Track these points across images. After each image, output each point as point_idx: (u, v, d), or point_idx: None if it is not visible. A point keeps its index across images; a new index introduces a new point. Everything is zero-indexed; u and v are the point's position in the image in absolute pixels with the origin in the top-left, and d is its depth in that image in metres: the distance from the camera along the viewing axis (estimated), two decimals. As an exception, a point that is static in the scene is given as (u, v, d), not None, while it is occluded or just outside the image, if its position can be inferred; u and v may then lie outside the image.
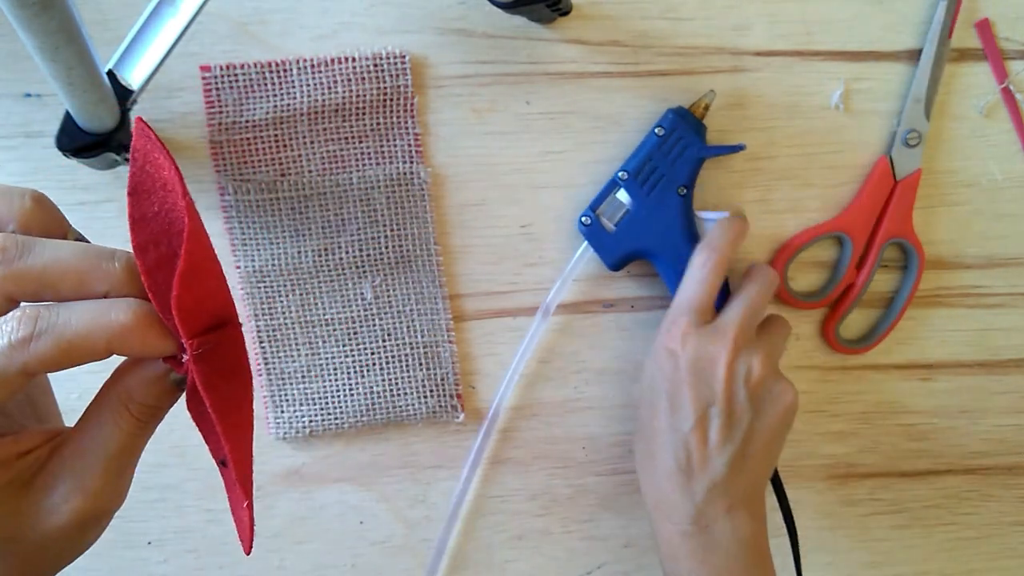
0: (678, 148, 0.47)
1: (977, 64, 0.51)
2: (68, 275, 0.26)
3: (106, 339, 0.25)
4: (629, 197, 0.48)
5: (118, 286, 0.26)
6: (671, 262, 0.48)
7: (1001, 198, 0.52)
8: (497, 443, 0.51)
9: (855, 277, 0.51)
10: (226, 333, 0.27)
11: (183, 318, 0.25)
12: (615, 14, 0.49)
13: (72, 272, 0.26)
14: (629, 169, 0.48)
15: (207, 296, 0.26)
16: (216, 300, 0.27)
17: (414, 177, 0.49)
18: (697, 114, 0.48)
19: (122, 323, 0.25)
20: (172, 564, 0.51)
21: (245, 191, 0.48)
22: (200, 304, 0.26)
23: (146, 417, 0.28)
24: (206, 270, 0.26)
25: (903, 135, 0.50)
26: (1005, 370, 0.53)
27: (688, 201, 0.48)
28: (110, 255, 0.26)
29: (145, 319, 0.25)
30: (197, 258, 0.25)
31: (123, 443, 0.28)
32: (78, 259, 0.26)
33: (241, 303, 0.49)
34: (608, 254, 0.49)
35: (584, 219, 0.49)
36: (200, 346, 0.26)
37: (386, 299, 0.49)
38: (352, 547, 0.52)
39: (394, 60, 0.48)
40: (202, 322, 0.26)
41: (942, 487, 0.54)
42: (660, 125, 0.48)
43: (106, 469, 0.28)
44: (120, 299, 0.26)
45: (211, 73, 0.47)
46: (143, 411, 0.28)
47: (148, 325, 0.26)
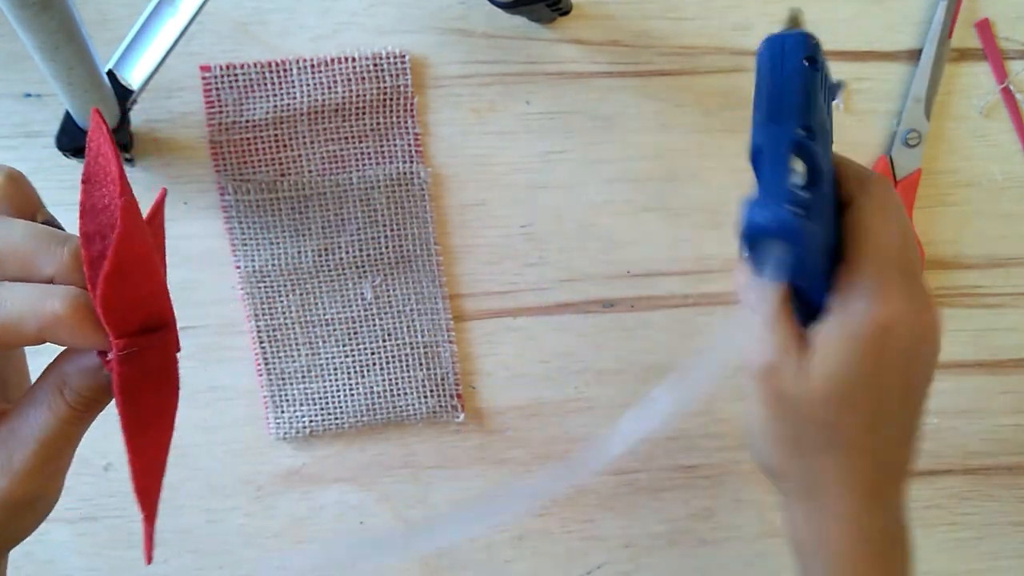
0: (827, 83, 0.34)
1: (977, 64, 0.51)
2: (14, 254, 0.26)
3: (37, 326, 0.25)
4: (809, 165, 0.31)
5: (64, 272, 0.26)
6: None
7: (1001, 198, 0.52)
8: (497, 443, 0.51)
9: (855, 277, 0.51)
10: (157, 338, 0.27)
11: (109, 317, 0.25)
12: (615, 14, 0.49)
13: (19, 252, 0.26)
14: (810, 124, 0.31)
15: (140, 298, 0.26)
16: (151, 304, 0.27)
17: (414, 177, 0.49)
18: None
19: (55, 312, 0.25)
20: (172, 564, 0.51)
21: (245, 191, 0.48)
22: (130, 305, 0.26)
23: (80, 406, 0.27)
24: (140, 272, 0.26)
25: (903, 135, 0.50)
26: (1005, 370, 0.53)
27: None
28: (61, 240, 0.26)
29: (79, 311, 0.25)
30: (128, 259, 0.25)
31: (55, 429, 0.27)
32: (27, 241, 0.26)
33: (241, 303, 0.49)
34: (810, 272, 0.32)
35: (793, 210, 0.29)
36: (126, 347, 0.26)
37: (386, 299, 0.49)
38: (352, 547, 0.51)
39: (394, 60, 0.48)
40: (132, 323, 0.26)
41: (942, 487, 0.54)
42: (807, 54, 0.32)
43: (35, 452, 0.27)
44: (60, 287, 0.26)
45: (211, 73, 0.47)
46: (77, 400, 0.27)
47: (81, 317, 0.25)
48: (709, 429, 0.52)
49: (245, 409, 0.50)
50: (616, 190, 0.50)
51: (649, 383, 0.51)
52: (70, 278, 0.26)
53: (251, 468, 0.50)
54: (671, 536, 0.53)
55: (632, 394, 0.51)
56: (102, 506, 0.50)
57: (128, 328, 0.26)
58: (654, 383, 0.52)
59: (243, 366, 0.49)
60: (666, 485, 0.52)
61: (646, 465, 0.52)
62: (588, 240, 0.50)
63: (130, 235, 0.25)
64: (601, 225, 0.50)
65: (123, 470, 0.50)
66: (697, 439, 0.52)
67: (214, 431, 0.50)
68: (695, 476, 0.52)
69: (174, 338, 0.28)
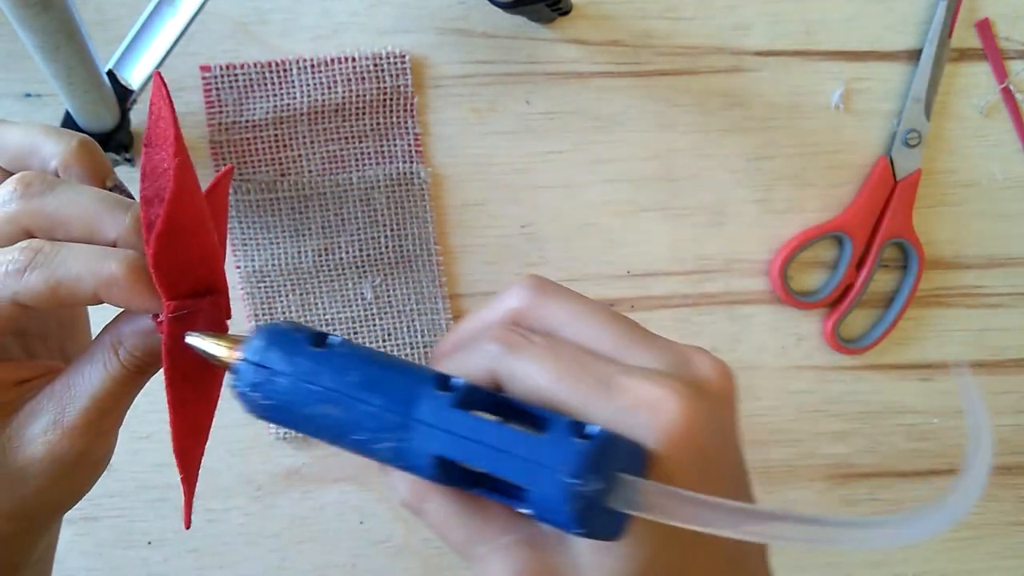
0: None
1: (977, 64, 0.51)
2: (80, 218, 0.27)
3: (94, 285, 0.26)
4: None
5: (125, 236, 0.27)
6: None
7: (1001, 198, 0.52)
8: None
9: (855, 277, 0.51)
10: (207, 303, 0.27)
11: (160, 277, 0.26)
12: (615, 14, 0.49)
13: (84, 216, 0.27)
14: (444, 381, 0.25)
15: (190, 261, 0.26)
16: (202, 268, 0.27)
17: (414, 177, 0.49)
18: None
19: (112, 272, 0.26)
20: (172, 564, 0.51)
21: (245, 191, 0.48)
22: (181, 267, 0.26)
23: (133, 367, 0.28)
24: (192, 235, 0.26)
25: (903, 135, 0.50)
26: (1005, 370, 0.53)
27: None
28: (125, 206, 0.27)
29: (134, 273, 0.26)
30: (180, 220, 0.25)
31: (108, 387, 0.28)
32: (93, 205, 0.27)
33: (241, 303, 0.49)
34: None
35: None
36: (176, 309, 0.26)
37: (386, 299, 0.50)
38: (352, 547, 0.52)
39: (394, 60, 0.48)
40: (183, 286, 0.26)
41: (942, 487, 0.54)
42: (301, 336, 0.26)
43: (87, 408, 0.28)
44: (119, 250, 0.26)
45: (211, 73, 0.47)
46: (130, 360, 0.28)
47: (136, 279, 0.26)
48: (709, 429, 0.52)
49: (245, 409, 0.50)
50: (616, 190, 0.50)
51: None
52: (131, 242, 0.27)
53: (251, 468, 0.50)
54: (671, 536, 0.53)
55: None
56: (103, 506, 0.50)
57: (179, 290, 0.26)
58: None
59: (243, 366, 0.50)
60: (666, 485, 0.52)
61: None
62: (588, 240, 0.50)
63: (182, 196, 0.25)
64: (601, 225, 0.50)
65: (125, 470, 0.50)
66: (697, 439, 0.52)
67: (214, 431, 0.50)
68: (695, 476, 0.52)
69: (225, 305, 0.29)
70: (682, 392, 0.24)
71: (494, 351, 0.25)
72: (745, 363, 0.52)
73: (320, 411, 0.23)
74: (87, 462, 0.29)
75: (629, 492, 0.22)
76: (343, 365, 0.23)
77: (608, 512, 0.22)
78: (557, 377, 0.24)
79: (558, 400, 0.24)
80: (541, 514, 0.22)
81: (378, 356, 0.24)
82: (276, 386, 0.24)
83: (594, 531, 0.22)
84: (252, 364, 0.24)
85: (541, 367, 0.24)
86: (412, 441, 0.22)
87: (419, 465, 0.23)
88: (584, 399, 0.24)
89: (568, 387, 0.24)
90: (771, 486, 0.53)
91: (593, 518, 0.21)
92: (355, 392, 0.23)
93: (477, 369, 0.25)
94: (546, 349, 0.25)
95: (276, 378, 0.24)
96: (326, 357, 0.24)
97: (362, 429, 0.23)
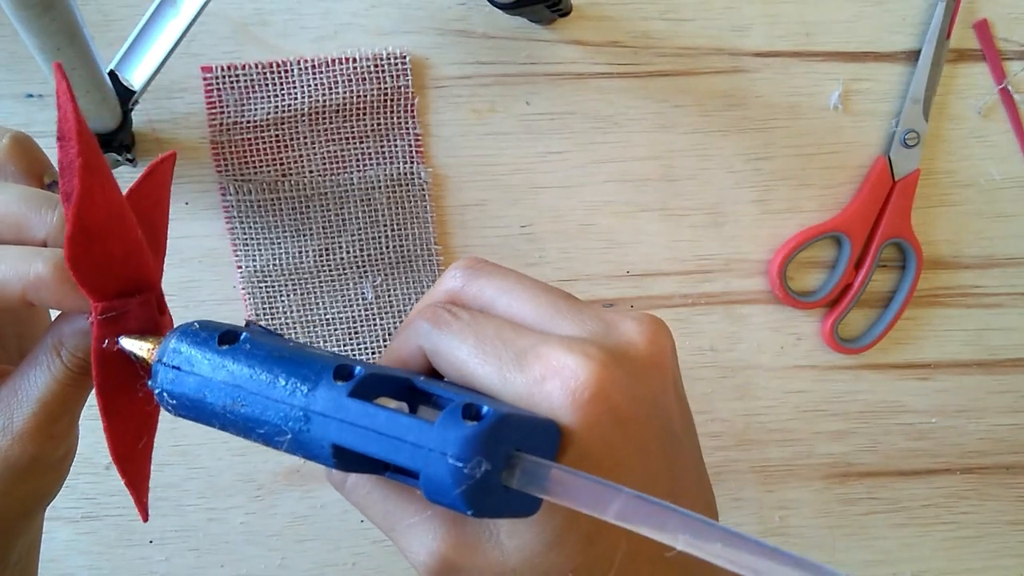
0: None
1: (975, 64, 0.51)
2: (7, 219, 0.26)
3: (21, 287, 0.25)
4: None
5: (55, 235, 0.26)
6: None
7: (999, 198, 0.52)
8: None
9: (853, 277, 0.51)
10: (136, 302, 0.26)
11: (81, 279, 0.25)
12: (615, 15, 0.49)
13: (10, 216, 0.26)
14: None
15: (111, 261, 0.25)
16: (126, 266, 0.26)
17: (414, 177, 0.49)
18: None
19: (38, 273, 0.25)
20: (173, 563, 0.51)
21: (246, 191, 0.48)
22: (101, 268, 0.25)
23: (76, 368, 0.27)
24: (110, 234, 0.25)
25: (902, 135, 0.50)
26: (1003, 370, 0.53)
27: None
28: (53, 204, 0.26)
29: (62, 272, 0.25)
30: (92, 221, 0.24)
31: (54, 390, 0.27)
32: (19, 204, 0.26)
33: (243, 303, 0.49)
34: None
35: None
36: (104, 311, 0.25)
37: (387, 299, 0.50)
38: (353, 546, 0.52)
39: (394, 61, 0.48)
40: (109, 286, 0.26)
41: (940, 486, 0.54)
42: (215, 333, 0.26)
43: (35, 413, 0.27)
44: (46, 250, 0.26)
45: (212, 74, 0.47)
46: (73, 361, 0.27)
47: (63, 279, 0.25)
48: (708, 428, 0.52)
49: (246, 408, 0.50)
50: (616, 190, 0.50)
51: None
52: (60, 241, 0.26)
53: (252, 467, 0.51)
54: (670, 535, 0.53)
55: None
56: (104, 505, 0.50)
57: (105, 290, 0.25)
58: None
59: (244, 365, 0.50)
60: (665, 484, 0.52)
61: (645, 464, 0.52)
62: (588, 240, 0.50)
63: (91, 196, 0.24)
64: (601, 225, 0.50)
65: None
66: (696, 438, 0.52)
67: (215, 430, 0.50)
68: (694, 475, 0.52)
69: (157, 302, 0.27)
70: (594, 356, 0.23)
71: (423, 328, 0.25)
72: (744, 363, 0.52)
73: (226, 408, 0.24)
74: (42, 466, 0.28)
75: (531, 472, 0.21)
76: (248, 362, 0.24)
77: (511, 492, 0.22)
78: (475, 352, 0.24)
79: (476, 375, 0.24)
80: (434, 497, 0.22)
81: (285, 349, 0.25)
82: (185, 386, 0.25)
83: (494, 510, 0.22)
84: (165, 365, 0.25)
85: (463, 342, 0.24)
86: (311, 432, 0.23)
87: (320, 455, 0.23)
88: (499, 373, 0.24)
89: (484, 361, 0.24)
90: (770, 485, 0.53)
91: (487, 499, 0.21)
92: (257, 388, 0.24)
93: (409, 347, 0.26)
94: (468, 324, 0.25)
95: (185, 378, 0.25)
96: (232, 354, 0.24)
97: (264, 424, 0.24)
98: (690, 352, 0.52)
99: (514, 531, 0.24)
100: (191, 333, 0.25)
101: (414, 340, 0.26)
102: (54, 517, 0.50)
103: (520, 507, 0.23)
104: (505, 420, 0.22)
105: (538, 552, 0.24)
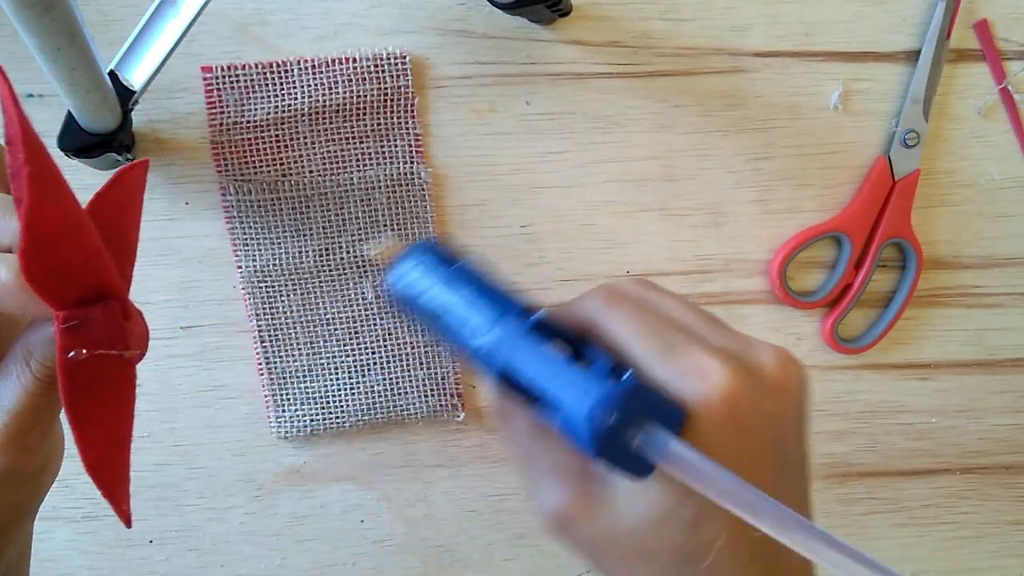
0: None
1: (975, 65, 0.51)
2: None
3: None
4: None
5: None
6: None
7: (999, 198, 0.52)
8: (497, 442, 0.52)
9: (853, 277, 0.51)
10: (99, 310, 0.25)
11: (39, 289, 0.24)
12: (615, 15, 0.49)
13: None
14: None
15: (69, 269, 0.25)
16: (85, 273, 0.25)
17: (414, 177, 0.49)
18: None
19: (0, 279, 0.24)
20: (173, 563, 0.51)
21: (246, 191, 0.48)
22: (59, 277, 0.24)
23: (46, 377, 0.26)
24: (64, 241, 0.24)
25: (902, 135, 0.50)
26: (1003, 370, 0.53)
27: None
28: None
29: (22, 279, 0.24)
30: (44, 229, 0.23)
31: (25, 401, 0.26)
32: None
33: (243, 302, 0.49)
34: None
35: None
36: (65, 320, 0.24)
37: (387, 299, 0.50)
38: (353, 546, 0.52)
39: (394, 61, 0.48)
40: (69, 294, 0.25)
41: (940, 486, 0.54)
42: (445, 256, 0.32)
43: (5, 424, 0.26)
44: (8, 256, 0.25)
45: (212, 74, 0.47)
46: (42, 370, 0.26)
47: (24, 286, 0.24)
48: (708, 428, 0.52)
49: (246, 408, 0.50)
50: (616, 190, 0.50)
51: (648, 382, 0.52)
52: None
53: (252, 467, 0.51)
54: (670, 535, 0.53)
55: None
56: (104, 505, 0.49)
57: (65, 299, 0.25)
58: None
59: (244, 365, 0.50)
60: (665, 484, 0.52)
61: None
62: (588, 240, 0.50)
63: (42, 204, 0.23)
64: (601, 225, 0.50)
65: (125, 469, 0.50)
66: (696, 438, 0.52)
67: (215, 430, 0.50)
68: (694, 475, 0.52)
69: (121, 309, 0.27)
70: (731, 366, 0.26)
71: (596, 303, 0.29)
72: (744, 363, 0.52)
73: (436, 314, 0.29)
74: (16, 478, 0.28)
75: (653, 440, 0.25)
76: (459, 282, 0.29)
77: (631, 452, 0.25)
78: (634, 333, 0.28)
79: (630, 354, 0.28)
80: (566, 430, 0.26)
81: (486, 279, 0.30)
82: (407, 290, 0.30)
83: (611, 459, 0.25)
84: (399, 272, 0.31)
85: (624, 322, 0.28)
86: (488, 349, 0.28)
87: (490, 369, 0.28)
88: (649, 357, 0.27)
89: (640, 344, 0.28)
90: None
91: (609, 447, 0.25)
92: (461, 305, 0.29)
93: (578, 313, 0.30)
94: (634, 311, 0.29)
95: (409, 284, 0.30)
96: (452, 274, 0.30)
97: (458, 334, 0.29)
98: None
99: (629, 500, 0.27)
100: (422, 250, 0.31)
101: (584, 309, 0.29)
102: (54, 517, 0.50)
103: (635, 467, 0.26)
104: (641, 389, 0.26)
105: (646, 524, 0.27)
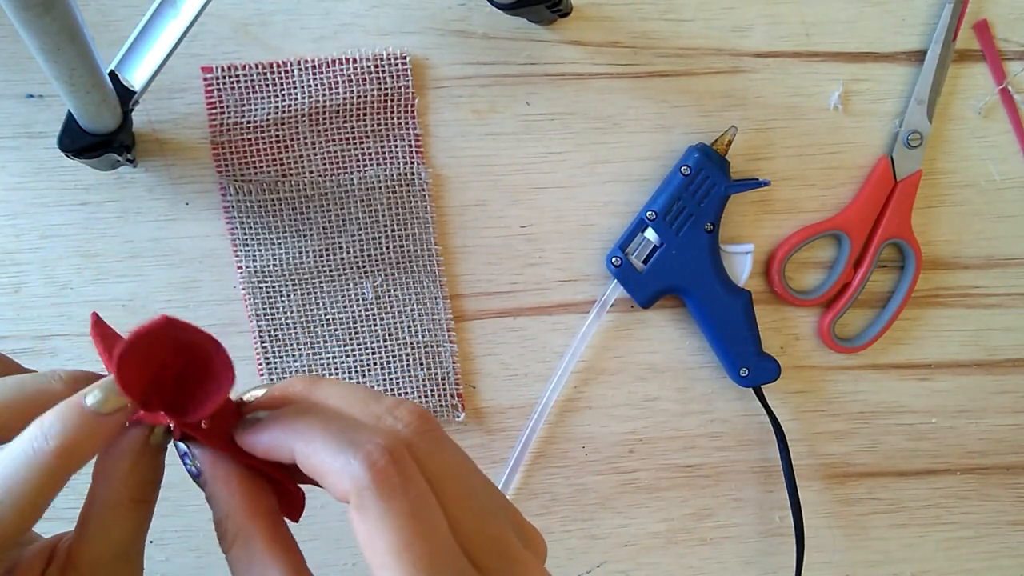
0: (705, 187, 0.48)
1: (975, 65, 0.51)
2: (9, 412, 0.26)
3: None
4: (657, 236, 0.48)
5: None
6: (702, 299, 0.49)
7: (999, 199, 0.52)
8: (497, 443, 0.52)
9: (852, 276, 0.51)
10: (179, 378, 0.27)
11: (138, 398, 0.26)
12: (615, 15, 0.49)
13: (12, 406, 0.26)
14: (657, 209, 0.48)
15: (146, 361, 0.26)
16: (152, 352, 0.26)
17: (415, 178, 0.49)
18: (720, 150, 0.48)
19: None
20: (174, 563, 0.51)
21: (246, 191, 0.48)
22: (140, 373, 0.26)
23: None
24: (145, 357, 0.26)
25: (904, 136, 0.50)
26: (1003, 370, 0.53)
27: (715, 237, 0.49)
28: (51, 376, 0.27)
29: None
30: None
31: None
32: (14, 392, 0.26)
33: (243, 303, 0.49)
34: (639, 292, 0.49)
35: (614, 259, 0.49)
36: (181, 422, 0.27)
37: (387, 299, 0.50)
38: (353, 546, 0.52)
39: (395, 61, 0.48)
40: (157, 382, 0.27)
41: (940, 486, 0.54)
42: (685, 164, 0.48)
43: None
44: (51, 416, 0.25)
45: (212, 74, 0.47)
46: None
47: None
48: (708, 429, 0.52)
49: (246, 408, 0.50)
50: (616, 190, 0.50)
51: (648, 383, 0.52)
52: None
53: (252, 467, 0.51)
54: (670, 535, 0.53)
55: (632, 394, 0.52)
56: (104, 505, 0.50)
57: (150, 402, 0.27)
58: (653, 383, 0.52)
59: (244, 366, 0.50)
60: (665, 484, 0.52)
61: (645, 464, 0.52)
62: (588, 240, 0.50)
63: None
64: (601, 225, 0.50)
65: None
66: (697, 438, 0.52)
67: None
68: (694, 475, 0.53)
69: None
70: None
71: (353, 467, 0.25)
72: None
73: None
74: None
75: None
76: None
77: None
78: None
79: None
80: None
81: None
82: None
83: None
84: None
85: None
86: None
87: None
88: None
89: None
90: (770, 485, 0.53)
91: None
92: None
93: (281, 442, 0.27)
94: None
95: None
96: None
97: None
98: (690, 352, 0.52)
99: None
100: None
101: (292, 442, 0.26)
102: (54, 517, 0.49)
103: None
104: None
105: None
